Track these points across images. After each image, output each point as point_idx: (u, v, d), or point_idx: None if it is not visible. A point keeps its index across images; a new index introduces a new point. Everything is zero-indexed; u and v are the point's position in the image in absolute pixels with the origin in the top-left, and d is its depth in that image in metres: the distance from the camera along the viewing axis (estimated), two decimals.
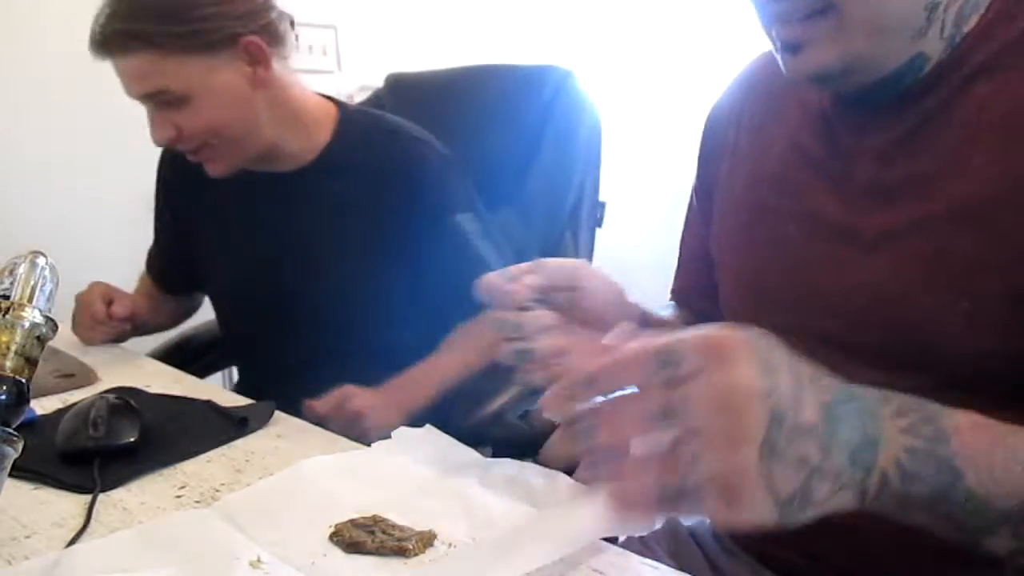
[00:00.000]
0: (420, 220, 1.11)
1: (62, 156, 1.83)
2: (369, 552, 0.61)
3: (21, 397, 0.54)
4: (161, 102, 1.04)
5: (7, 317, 0.54)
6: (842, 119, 0.66)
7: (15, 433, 0.53)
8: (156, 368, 1.09)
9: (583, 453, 0.44)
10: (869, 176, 0.63)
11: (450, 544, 0.62)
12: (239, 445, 0.81)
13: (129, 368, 1.07)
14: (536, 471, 0.72)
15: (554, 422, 0.45)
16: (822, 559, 0.67)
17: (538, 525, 0.64)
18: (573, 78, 1.39)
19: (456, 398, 1.11)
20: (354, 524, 0.63)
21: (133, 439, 0.78)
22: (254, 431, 0.84)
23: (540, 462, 0.74)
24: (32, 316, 0.55)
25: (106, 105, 1.14)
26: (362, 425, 0.95)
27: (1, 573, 0.59)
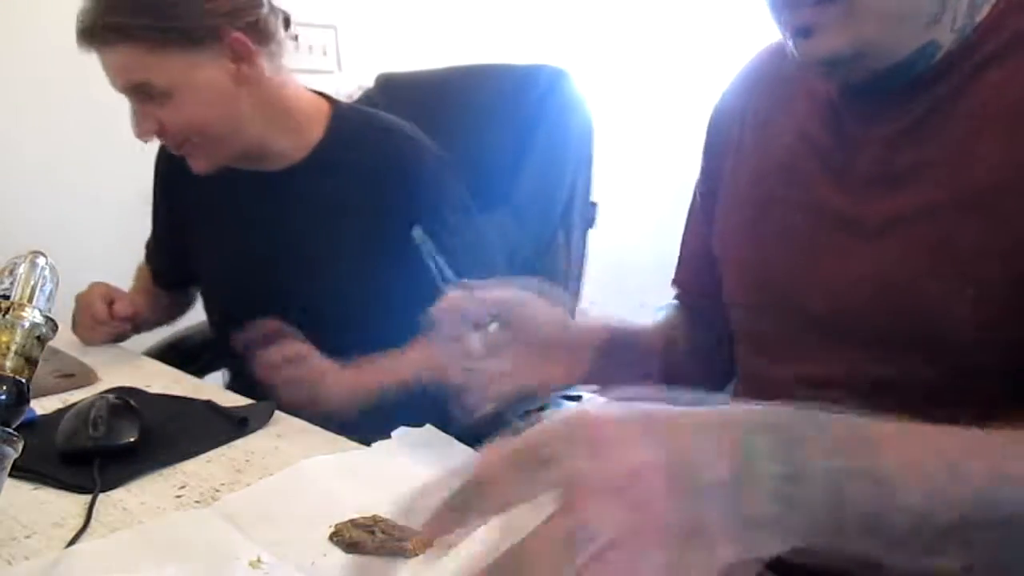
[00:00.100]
0: (413, 220, 1.10)
1: (62, 156, 1.83)
2: (369, 552, 0.61)
3: (21, 397, 0.54)
4: (143, 96, 1.03)
5: (7, 317, 0.54)
6: (849, 109, 0.66)
7: (15, 433, 0.53)
8: (156, 368, 1.09)
9: None
10: (875, 165, 0.63)
11: (450, 544, 0.62)
12: (239, 445, 0.81)
13: (129, 368, 1.07)
14: None
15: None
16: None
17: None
18: (566, 77, 1.37)
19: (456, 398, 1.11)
20: (354, 524, 0.63)
21: (133, 439, 0.78)
22: (254, 431, 0.84)
23: None
24: (32, 316, 0.55)
25: (107, 105, 1.13)
26: (312, 391, 0.94)
27: (1, 573, 0.59)
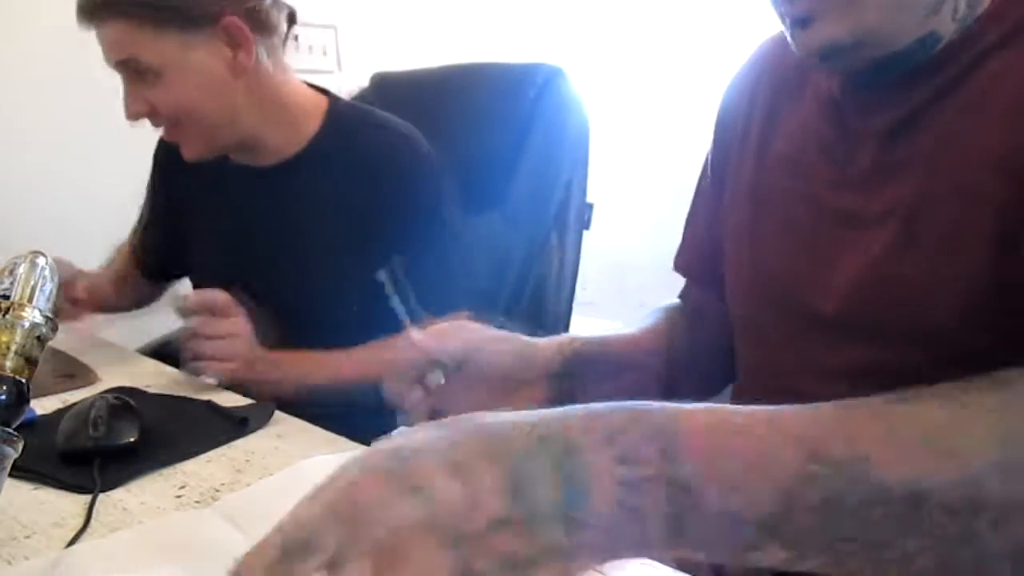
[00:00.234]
0: (401, 216, 1.09)
1: (62, 156, 1.83)
2: None
3: (21, 397, 0.54)
4: (133, 74, 1.03)
5: (7, 317, 0.54)
6: (850, 101, 0.66)
7: (15, 433, 0.53)
8: (156, 368, 1.09)
9: None
10: (875, 157, 0.63)
11: None
12: (239, 445, 0.81)
13: (129, 368, 1.07)
14: None
15: None
16: None
17: None
18: (561, 76, 1.36)
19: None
20: None
21: (133, 439, 0.78)
22: (254, 431, 0.84)
23: None
24: (32, 316, 0.55)
25: (107, 105, 1.13)
26: (214, 363, 0.96)
27: (1, 573, 0.59)
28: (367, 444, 0.80)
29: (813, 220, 0.67)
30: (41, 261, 0.58)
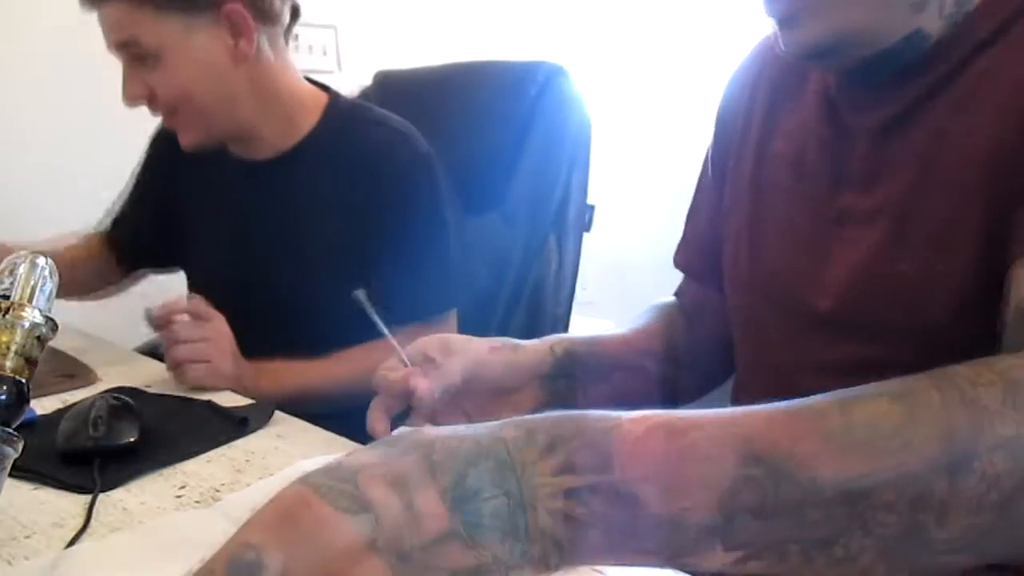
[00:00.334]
0: (400, 213, 1.09)
1: (62, 156, 1.83)
2: None
3: (21, 397, 0.53)
4: (134, 57, 1.02)
5: (7, 317, 0.54)
6: (844, 98, 0.66)
7: (15, 433, 0.53)
8: (156, 368, 1.09)
9: None
10: (868, 154, 0.63)
11: None
12: (239, 445, 0.81)
13: (129, 368, 1.07)
14: None
15: None
16: None
17: None
18: (563, 74, 1.35)
19: None
20: None
21: (133, 439, 0.78)
22: (254, 431, 0.84)
23: None
24: (32, 316, 0.55)
25: (108, 104, 1.13)
26: (181, 369, 0.95)
27: (1, 573, 0.59)
28: (364, 444, 0.80)
29: (811, 217, 0.68)
30: (41, 261, 0.58)
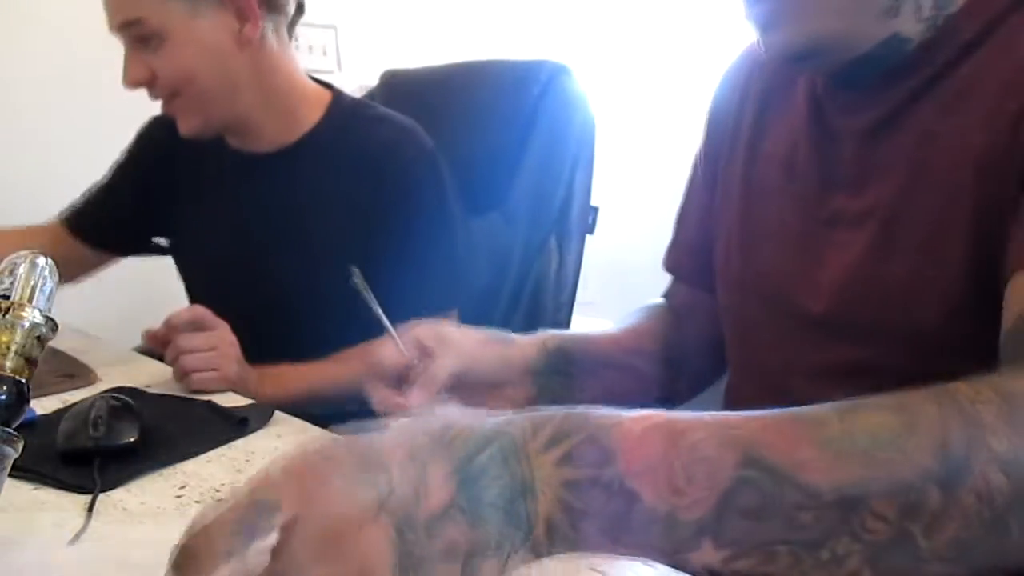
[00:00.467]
0: (404, 210, 1.09)
1: (62, 155, 1.83)
2: None
3: (21, 397, 0.53)
4: (136, 39, 1.02)
5: (7, 317, 0.54)
6: (831, 101, 0.66)
7: (15, 433, 0.53)
8: (156, 368, 1.09)
9: None
10: (855, 156, 0.63)
11: None
12: (239, 445, 0.81)
13: (129, 368, 1.07)
14: None
15: None
16: None
17: None
18: (566, 73, 1.34)
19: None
20: None
21: (133, 439, 0.78)
22: (254, 431, 0.84)
23: None
24: (32, 316, 0.55)
25: (109, 104, 1.13)
26: (190, 378, 0.95)
27: (1, 573, 0.59)
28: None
29: (802, 218, 0.68)
30: (41, 261, 0.58)
